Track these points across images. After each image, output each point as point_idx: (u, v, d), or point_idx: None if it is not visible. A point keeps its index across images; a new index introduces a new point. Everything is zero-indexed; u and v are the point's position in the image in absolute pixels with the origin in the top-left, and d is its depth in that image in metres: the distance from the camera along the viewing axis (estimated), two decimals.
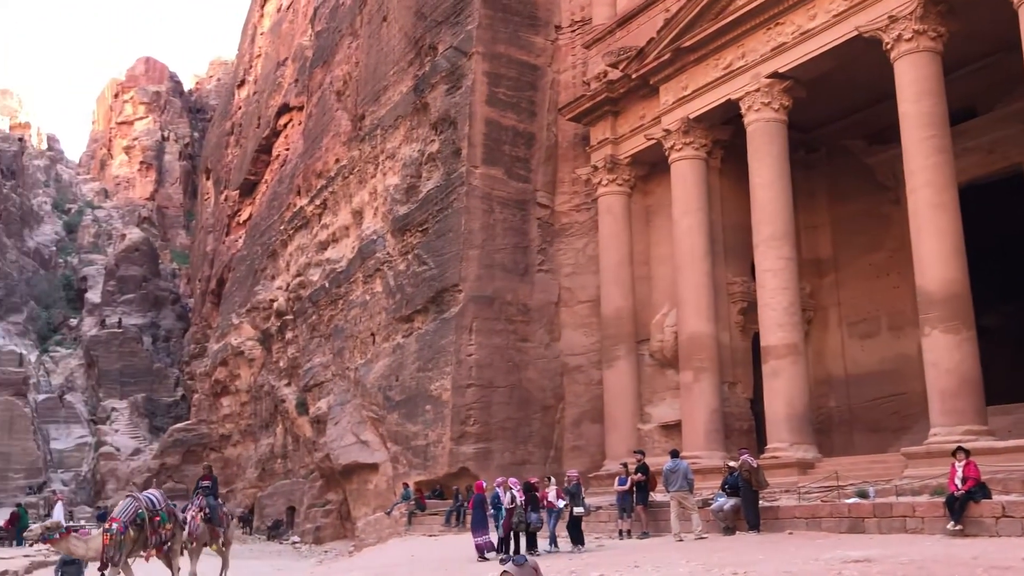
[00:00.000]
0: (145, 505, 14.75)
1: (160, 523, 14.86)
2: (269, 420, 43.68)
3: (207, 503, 17.71)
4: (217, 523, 17.75)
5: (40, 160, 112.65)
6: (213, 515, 17.79)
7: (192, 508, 17.44)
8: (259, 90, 54.61)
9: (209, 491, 18.52)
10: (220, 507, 18.72)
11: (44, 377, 72.16)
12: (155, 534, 14.66)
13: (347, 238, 36.62)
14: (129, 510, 14.57)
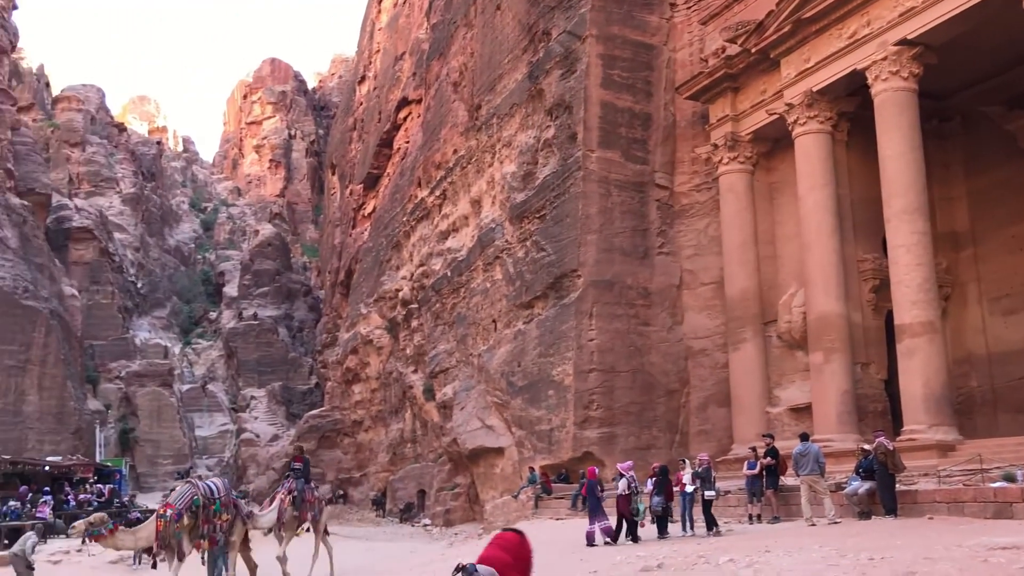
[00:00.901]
0: (203, 492, 14.33)
1: (214, 512, 14.31)
2: (398, 406, 44.81)
3: (296, 486, 17.42)
4: (304, 507, 17.39)
5: (177, 162, 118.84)
6: (299, 499, 17.41)
7: (281, 491, 17.44)
8: (379, 85, 55.80)
9: (300, 474, 18.12)
10: (312, 490, 18.33)
11: (187, 368, 76.24)
12: (208, 523, 14.15)
13: (467, 227, 37.09)
14: (185, 497, 14.17)
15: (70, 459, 40.97)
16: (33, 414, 45.56)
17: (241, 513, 15.21)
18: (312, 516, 17.95)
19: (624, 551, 15.53)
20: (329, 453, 51.54)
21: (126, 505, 35.05)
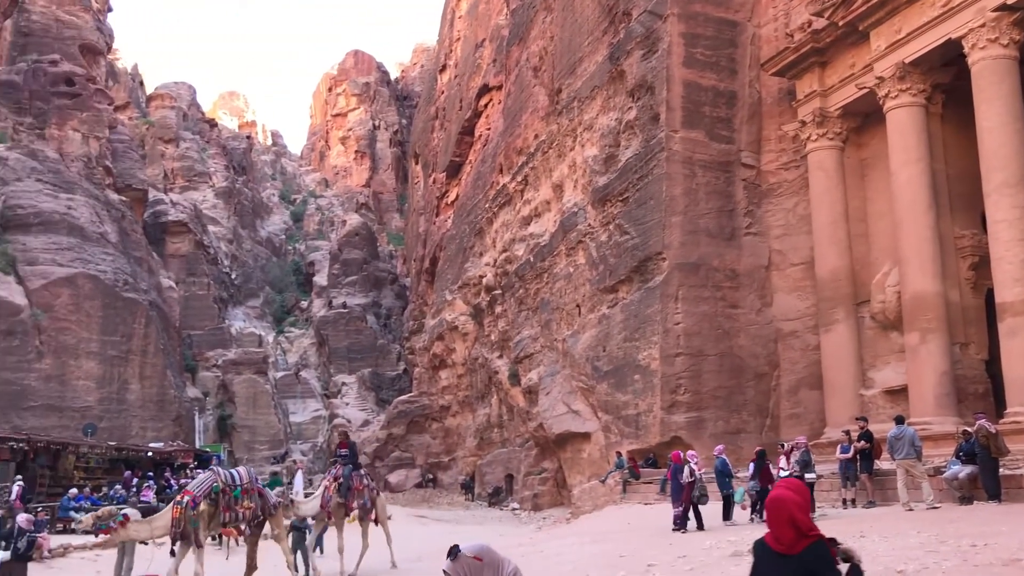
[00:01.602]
0: (223, 480, 13.72)
1: (235, 500, 13.63)
2: (484, 391, 45.19)
3: (343, 473, 16.58)
4: (351, 495, 16.58)
5: (266, 155, 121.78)
6: (345, 486, 16.53)
7: (327, 479, 16.72)
8: (460, 73, 56.10)
9: (347, 460, 17.21)
10: (362, 477, 17.38)
11: (281, 356, 78.26)
12: (228, 511, 13.48)
13: (549, 212, 37.06)
14: (205, 484, 13.63)
15: (171, 445, 42.56)
16: (136, 402, 47.47)
17: (268, 503, 14.36)
18: (361, 504, 17.04)
19: (714, 536, 15.37)
20: (418, 438, 52.32)
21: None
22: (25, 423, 39.24)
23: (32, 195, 46.54)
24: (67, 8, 64.60)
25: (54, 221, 46.13)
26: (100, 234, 49.07)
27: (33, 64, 57.64)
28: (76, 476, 31.93)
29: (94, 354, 45.18)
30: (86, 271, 45.73)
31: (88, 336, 44.99)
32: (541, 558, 16.20)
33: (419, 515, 35.36)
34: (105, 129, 58.51)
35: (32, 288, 43.21)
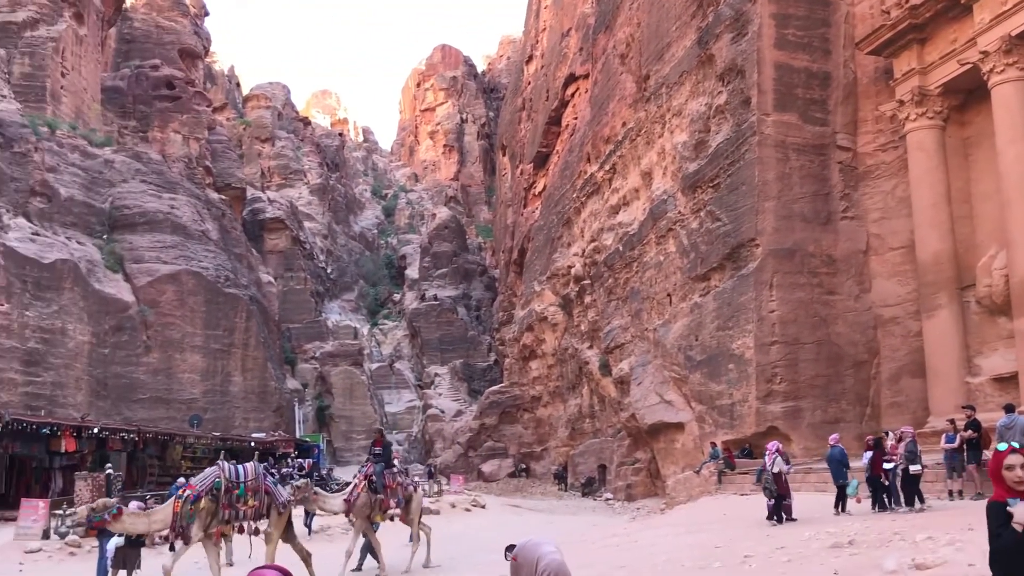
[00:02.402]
0: (227, 475, 13.22)
1: (238, 497, 13.13)
2: (575, 381, 45.17)
3: (375, 471, 16.09)
4: (385, 494, 16.05)
5: (358, 152, 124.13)
6: (377, 484, 15.98)
7: (358, 476, 16.30)
8: (546, 63, 56.04)
9: (380, 458, 16.72)
10: (395, 475, 16.80)
11: (375, 348, 79.79)
12: (229, 508, 13.02)
13: (638, 200, 36.74)
14: (208, 479, 13.19)
15: (273, 435, 43.92)
16: (238, 394, 49.10)
17: (277, 501, 13.72)
18: (396, 503, 16.48)
19: (813, 527, 15.04)
20: (510, 428, 52.68)
21: (324, 478, 37.15)
22: (135, 415, 41.03)
23: (137, 196, 48.51)
24: (166, 14, 67.01)
25: (158, 220, 47.98)
26: (202, 232, 50.84)
27: (136, 69, 60.04)
28: (183, 465, 33.28)
29: (198, 348, 46.90)
30: (189, 268, 47.47)
31: (192, 331, 46.71)
32: (635, 548, 16.14)
33: (513, 505, 35.62)
34: (204, 130, 60.56)
35: (139, 285, 45.08)
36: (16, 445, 25.94)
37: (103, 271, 43.37)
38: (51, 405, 36.20)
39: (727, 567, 12.06)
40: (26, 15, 50.57)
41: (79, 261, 41.05)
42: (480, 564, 17.08)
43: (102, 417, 36.03)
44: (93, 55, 56.53)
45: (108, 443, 29.19)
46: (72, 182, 44.71)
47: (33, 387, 36.31)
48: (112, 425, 30.81)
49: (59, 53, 51.25)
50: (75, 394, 38.86)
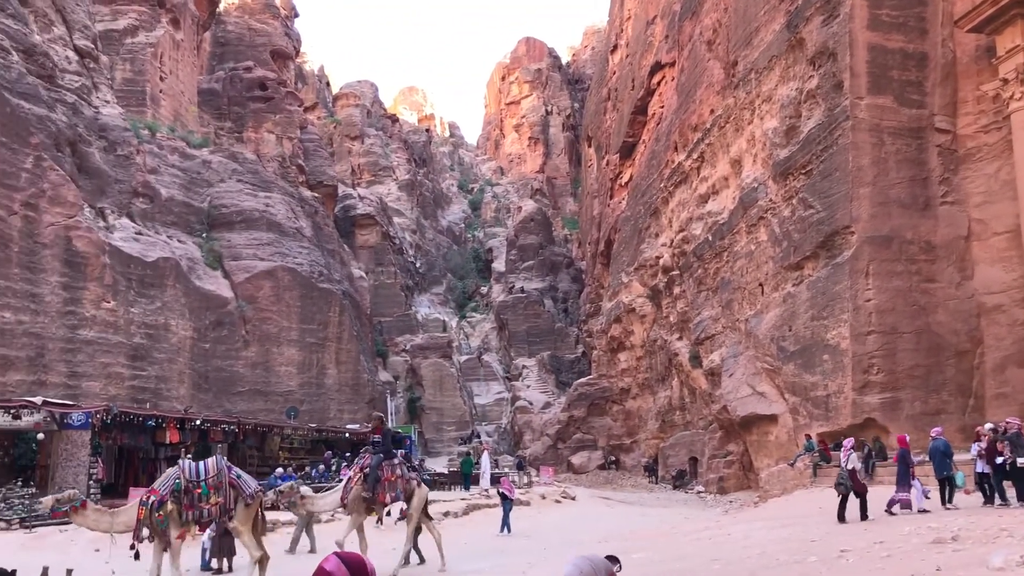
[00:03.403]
0: (187, 475, 12.70)
1: (201, 497, 12.62)
2: (664, 373, 44.79)
3: (371, 463, 14.91)
4: (381, 488, 14.83)
5: (445, 147, 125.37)
6: (372, 477, 14.74)
7: (353, 468, 15.19)
8: (631, 52, 55.58)
9: (379, 448, 15.43)
10: (394, 467, 15.25)
11: (464, 340, 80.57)
12: (192, 508, 12.55)
13: (727, 189, 36.18)
14: (169, 481, 12.70)
15: (367, 426, 44.79)
16: (333, 386, 50.25)
17: (243, 494, 13.03)
18: (394, 497, 15.15)
19: (915, 522, 14.63)
20: (599, 420, 52.58)
21: (417, 469, 37.75)
22: (235, 407, 42.42)
23: (234, 195, 50.03)
24: (258, 17, 68.83)
25: (254, 218, 49.41)
26: (296, 229, 52.14)
27: (230, 72, 61.91)
28: (281, 456, 34.26)
29: (294, 342, 48.17)
30: (285, 264, 48.76)
31: (288, 325, 48.00)
32: (729, 542, 15.97)
33: (603, 497, 35.58)
34: (297, 130, 62.07)
35: (237, 281, 46.52)
36: (124, 437, 27.09)
37: (203, 268, 44.91)
38: (155, 398, 37.70)
39: (823, 561, 11.83)
40: (127, 23, 52.67)
41: (180, 259, 42.60)
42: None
43: (203, 409, 37.37)
44: (189, 59, 58.51)
45: (210, 435, 30.23)
46: (172, 183, 46.40)
47: (139, 381, 37.87)
48: (213, 417, 31.91)
49: (158, 58, 53.22)
50: (178, 387, 40.38)
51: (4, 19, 36.64)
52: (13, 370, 31.78)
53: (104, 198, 39.83)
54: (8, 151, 33.11)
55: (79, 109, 40.18)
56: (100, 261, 36.64)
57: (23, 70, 36.27)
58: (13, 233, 32.95)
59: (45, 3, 41.53)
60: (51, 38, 40.97)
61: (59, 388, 32.73)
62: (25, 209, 33.69)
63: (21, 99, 34.96)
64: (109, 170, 40.80)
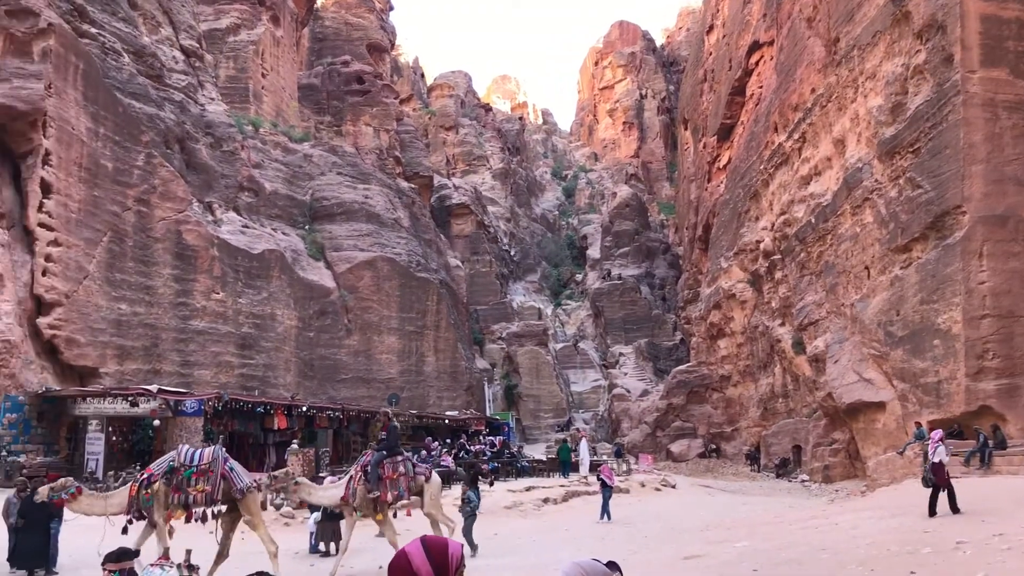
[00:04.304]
0: (181, 459, 12.73)
1: (185, 481, 12.55)
2: (766, 360, 43.92)
3: (373, 460, 14.45)
4: (381, 486, 14.22)
5: (538, 135, 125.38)
6: (373, 476, 14.20)
7: (356, 466, 14.74)
8: (727, 32, 54.48)
9: (383, 445, 15.03)
10: (398, 464, 14.64)
11: (559, 328, 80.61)
12: (178, 492, 12.48)
13: (830, 170, 35.15)
14: (164, 462, 12.83)
15: (465, 413, 45.40)
16: (432, 373, 51.06)
17: (234, 487, 12.77)
18: (396, 496, 14.55)
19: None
20: (699, 408, 51.95)
21: (515, 455, 38.03)
22: (339, 394, 43.53)
23: (334, 187, 51.22)
24: (354, 11, 70.14)
25: (354, 210, 50.50)
26: (394, 220, 53.07)
27: (328, 67, 63.28)
28: None
29: (394, 330, 49.12)
30: (384, 254, 49.71)
31: (388, 314, 48.95)
32: (836, 531, 15.58)
33: (704, 485, 35.18)
34: (393, 122, 63.07)
35: (339, 272, 47.67)
36: (234, 423, 28.13)
37: (306, 259, 46.16)
38: (263, 385, 39.00)
39: (938, 553, 11.44)
40: (229, 21, 54.37)
41: (284, 250, 43.87)
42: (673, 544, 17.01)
43: (308, 396, 38.47)
44: (289, 55, 60.03)
45: (316, 421, 31.12)
46: (275, 177, 47.79)
47: (247, 369, 39.22)
48: (319, 404, 32.81)
49: (259, 55, 54.77)
50: (284, 375, 41.66)
51: (116, 22, 38.30)
52: (130, 360, 33.32)
53: (211, 193, 41.30)
54: (121, 149, 34.63)
55: (186, 107, 41.73)
56: (209, 254, 38.05)
57: (134, 71, 37.87)
58: (127, 228, 34.48)
59: (153, 5, 43.24)
60: (159, 39, 42.65)
61: (173, 376, 34.18)
62: (138, 205, 35.20)
63: (132, 99, 36.50)
64: (216, 165, 42.27)
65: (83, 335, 31.06)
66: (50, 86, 30.72)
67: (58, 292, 30.21)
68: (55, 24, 31.62)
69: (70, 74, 32.15)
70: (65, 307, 30.45)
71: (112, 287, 32.97)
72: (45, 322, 29.72)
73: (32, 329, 29.32)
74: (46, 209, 30.41)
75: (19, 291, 28.55)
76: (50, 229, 30.44)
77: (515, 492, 26.16)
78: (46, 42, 31.12)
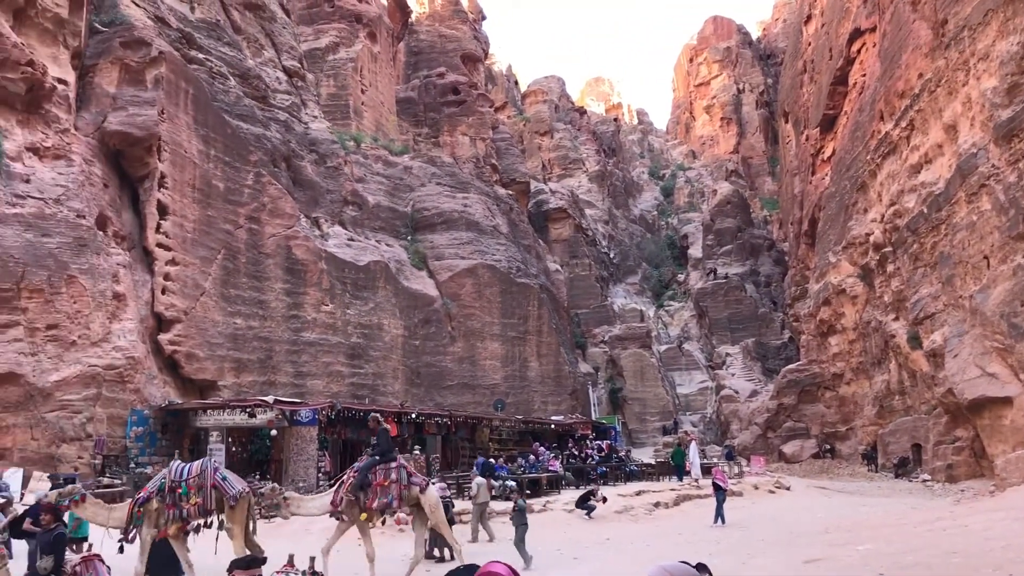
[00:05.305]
0: (172, 475, 12.88)
1: (181, 497, 12.71)
2: (880, 356, 42.47)
3: (364, 465, 14.14)
4: (370, 493, 13.88)
5: (633, 135, 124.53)
6: (361, 482, 13.87)
7: (347, 472, 14.49)
8: (826, 21, 53.09)
9: (375, 450, 14.63)
10: (391, 470, 14.07)
11: (663, 329, 79.76)
12: (172, 508, 12.66)
13: (941, 157, 33.77)
14: (157, 480, 13.12)
15: (571, 418, 45.36)
16: (535, 378, 51.24)
17: (227, 495, 12.86)
18: (384, 503, 13.96)
19: None
20: (811, 407, 50.60)
21: (624, 460, 37.82)
22: (445, 400, 44.13)
23: (434, 197, 52.03)
24: (447, 23, 71.16)
25: (454, 219, 51.19)
26: (493, 227, 53.54)
27: (424, 79, 64.37)
28: (491, 448, 35.30)
29: (497, 336, 49.52)
30: (484, 261, 50.20)
31: (491, 320, 49.39)
32: (966, 534, 14.95)
33: (819, 486, 34.24)
34: (489, 130, 63.69)
35: (441, 280, 48.39)
36: (347, 431, 28.84)
37: (410, 269, 47.02)
38: (373, 394, 39.86)
39: None
40: (328, 40, 55.93)
41: (389, 261, 44.78)
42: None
43: (416, 403, 39.13)
44: (386, 70, 61.31)
45: (424, 427, 31.63)
46: (378, 190, 48.86)
47: (357, 378, 40.14)
48: (427, 411, 33.35)
49: (358, 72, 56.14)
50: (393, 383, 42.48)
51: (221, 47, 39.86)
52: (246, 372, 34.54)
53: (318, 208, 42.50)
54: (231, 169, 35.99)
55: (291, 126, 43.10)
56: (318, 267, 39.15)
57: (240, 93, 39.32)
58: (240, 245, 35.79)
59: (255, 29, 44.86)
60: (262, 61, 44.19)
61: (287, 387, 35.28)
62: (249, 222, 36.51)
63: (240, 120, 37.90)
64: (321, 181, 43.49)
65: (201, 350, 32.36)
66: (163, 111, 32.18)
67: (177, 309, 31.57)
68: (166, 52, 33.13)
69: (181, 99, 33.61)
70: (184, 323, 31.79)
71: (227, 303, 34.25)
72: (166, 338, 31.08)
73: (154, 346, 30.72)
74: (163, 230, 31.85)
75: (141, 309, 29.96)
76: (168, 249, 31.85)
77: (625, 496, 26.01)
78: (158, 70, 32.63)
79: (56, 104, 28.71)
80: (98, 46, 32.25)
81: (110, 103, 31.53)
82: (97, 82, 31.78)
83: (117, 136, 30.98)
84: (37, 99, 27.69)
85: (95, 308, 26.94)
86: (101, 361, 26.52)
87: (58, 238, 26.36)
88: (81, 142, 29.58)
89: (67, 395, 25.23)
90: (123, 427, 26.91)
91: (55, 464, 24.47)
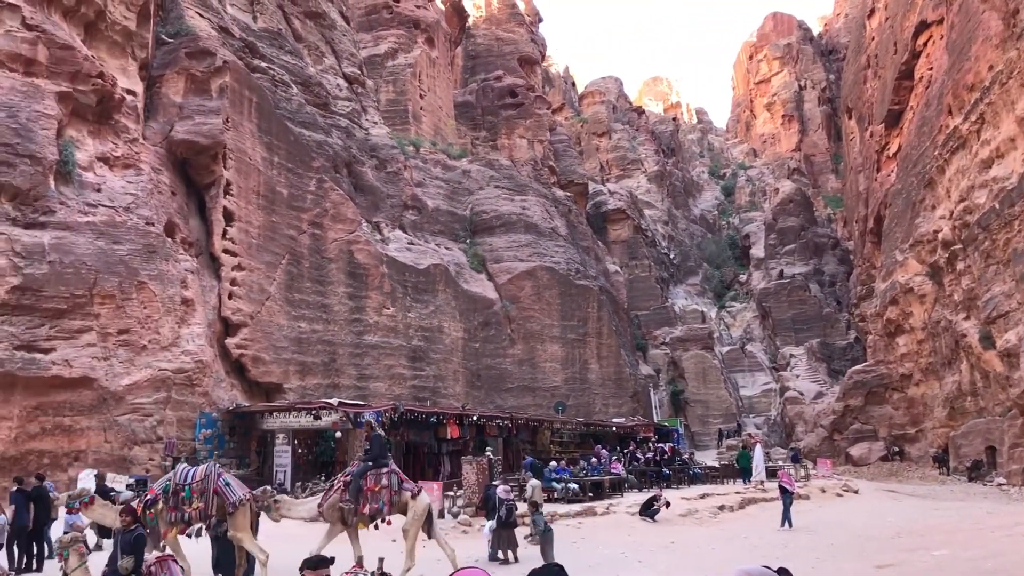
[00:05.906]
0: (177, 478, 13.17)
1: (184, 500, 12.99)
2: (951, 356, 41.36)
3: (356, 471, 14.24)
4: (362, 498, 13.93)
5: (692, 134, 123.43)
6: (354, 487, 13.97)
7: (339, 476, 14.60)
8: (890, 15, 51.98)
9: (368, 456, 14.68)
10: (381, 476, 14.13)
11: (725, 331, 78.79)
12: (175, 511, 12.93)
13: (1014, 151, 32.79)
14: (163, 482, 13.42)
15: (632, 420, 45.11)
16: (596, 381, 51.04)
17: (228, 501, 13.09)
18: (376, 509, 13.97)
19: None
20: (878, 409, 49.51)
21: (687, 463, 37.48)
22: (505, 403, 44.22)
23: (492, 200, 52.21)
24: (504, 27, 71.40)
25: (512, 221, 51.29)
26: (551, 229, 53.51)
27: (482, 83, 64.66)
28: (552, 449, 35.27)
29: (556, 338, 49.46)
30: (543, 264, 50.21)
31: (550, 322, 49.36)
32: None
33: (888, 490, 33.50)
34: (546, 132, 63.66)
35: (500, 283, 48.51)
36: (410, 433, 29.08)
37: (469, 272, 47.24)
38: (434, 396, 40.11)
39: None
40: (387, 47, 56.53)
41: (448, 265, 45.05)
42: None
43: (477, 406, 39.26)
44: (444, 75, 61.73)
45: (486, 430, 31.73)
46: (437, 194, 49.21)
47: (418, 380, 40.44)
48: (488, 413, 33.46)
49: (416, 77, 56.63)
50: (454, 385, 42.71)
51: (283, 56, 40.54)
52: (311, 375, 35.04)
53: (378, 213, 42.96)
54: (295, 176, 36.58)
55: (351, 132, 43.64)
56: (379, 271, 39.56)
57: (302, 100, 39.94)
58: (303, 251, 36.34)
59: (316, 37, 45.52)
60: (323, 68, 44.83)
61: (350, 390, 35.68)
62: (312, 228, 37.05)
63: (302, 127, 38.50)
64: (381, 186, 43.96)
65: (267, 353, 32.93)
66: (228, 120, 32.82)
67: (243, 314, 32.17)
68: (230, 61, 33.78)
69: (245, 107, 34.26)
70: (250, 327, 32.38)
71: (292, 307, 34.80)
72: (232, 342, 31.68)
73: (221, 349, 31.33)
74: (229, 236, 32.48)
75: (208, 314, 30.59)
76: (233, 255, 32.47)
77: (689, 499, 25.77)
78: (222, 79, 33.29)
79: (125, 114, 29.46)
80: (164, 57, 33.02)
81: (176, 112, 32.26)
82: (164, 92, 32.54)
83: (184, 145, 31.69)
84: (107, 110, 28.44)
85: (164, 313, 27.57)
86: (171, 365, 27.13)
87: (128, 245, 27.03)
88: (149, 151, 30.31)
89: (138, 398, 25.85)
90: (192, 430, 27.50)
91: (128, 466, 25.09)
